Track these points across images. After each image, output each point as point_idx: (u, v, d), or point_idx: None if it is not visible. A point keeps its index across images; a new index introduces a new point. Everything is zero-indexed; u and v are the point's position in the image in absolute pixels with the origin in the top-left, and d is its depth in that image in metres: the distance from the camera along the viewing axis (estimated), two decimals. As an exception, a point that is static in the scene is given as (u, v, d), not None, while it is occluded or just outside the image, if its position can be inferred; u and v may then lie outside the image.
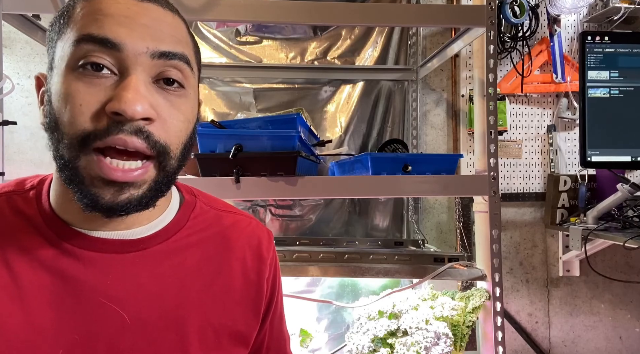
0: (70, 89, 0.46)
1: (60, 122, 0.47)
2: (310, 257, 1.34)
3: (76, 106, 0.46)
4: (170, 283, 0.55)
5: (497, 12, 1.33)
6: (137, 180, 0.48)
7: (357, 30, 1.85)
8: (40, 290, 0.49)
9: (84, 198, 0.47)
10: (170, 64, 0.50)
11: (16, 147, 1.67)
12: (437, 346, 1.20)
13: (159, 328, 0.53)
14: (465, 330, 1.28)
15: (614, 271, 1.92)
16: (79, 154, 0.46)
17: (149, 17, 0.49)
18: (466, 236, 1.80)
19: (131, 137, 0.46)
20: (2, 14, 1.11)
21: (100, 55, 0.46)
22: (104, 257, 0.52)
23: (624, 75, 1.43)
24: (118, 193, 0.47)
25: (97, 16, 0.47)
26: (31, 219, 0.52)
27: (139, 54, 0.47)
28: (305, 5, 1.19)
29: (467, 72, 1.87)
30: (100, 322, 0.50)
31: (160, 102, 0.49)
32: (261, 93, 1.80)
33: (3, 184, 0.56)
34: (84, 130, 0.46)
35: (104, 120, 0.46)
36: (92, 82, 0.47)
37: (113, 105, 0.45)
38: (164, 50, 0.49)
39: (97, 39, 0.46)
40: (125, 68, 0.47)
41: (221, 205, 0.66)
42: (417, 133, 1.83)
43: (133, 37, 0.47)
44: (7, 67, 1.66)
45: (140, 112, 0.46)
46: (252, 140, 1.13)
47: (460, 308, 1.29)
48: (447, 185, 1.21)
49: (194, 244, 0.59)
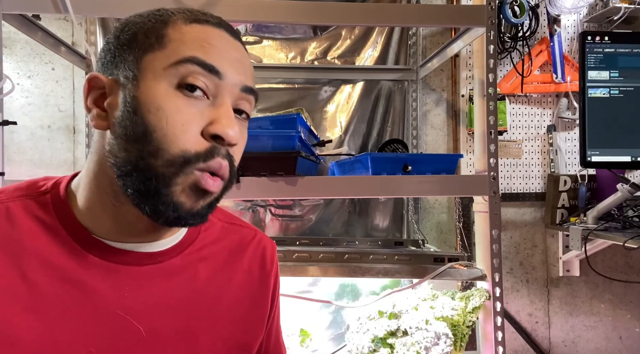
0: (170, 105, 0.48)
1: (157, 137, 0.47)
2: (310, 257, 1.34)
3: (178, 124, 0.48)
4: (183, 296, 0.56)
5: (497, 12, 1.33)
6: (216, 191, 0.51)
7: (357, 30, 1.85)
8: (57, 300, 0.49)
9: (167, 208, 0.48)
10: (247, 98, 0.54)
11: (16, 147, 1.67)
12: (437, 346, 1.20)
13: (172, 341, 0.54)
14: (465, 330, 1.28)
15: (614, 271, 1.92)
16: (178, 172, 0.48)
17: (240, 54, 0.54)
18: (466, 236, 1.80)
19: (224, 160, 0.50)
20: (2, 14, 1.11)
21: (201, 78, 0.49)
22: (123, 269, 0.52)
23: (624, 75, 1.43)
24: (197, 201, 0.50)
25: (202, 44, 0.50)
26: (51, 227, 0.51)
27: (234, 85, 0.52)
28: (305, 5, 1.19)
29: (467, 72, 1.87)
30: (116, 335, 0.50)
31: (238, 130, 0.53)
32: (261, 93, 1.77)
33: (13, 187, 0.54)
34: (187, 151, 0.48)
35: (205, 142, 0.49)
36: (190, 103, 0.49)
37: (217, 128, 0.49)
38: (250, 85, 0.54)
39: (205, 64, 0.49)
40: (220, 95, 0.51)
41: (227, 217, 0.67)
42: (417, 133, 1.83)
43: (232, 69, 0.51)
44: (7, 67, 1.66)
45: (234, 138, 0.50)
46: (252, 140, 1.12)
47: (460, 308, 1.29)
48: (447, 185, 1.21)
49: (204, 258, 0.60)
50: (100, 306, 0.50)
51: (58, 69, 1.71)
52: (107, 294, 0.51)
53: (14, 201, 0.52)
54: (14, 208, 0.51)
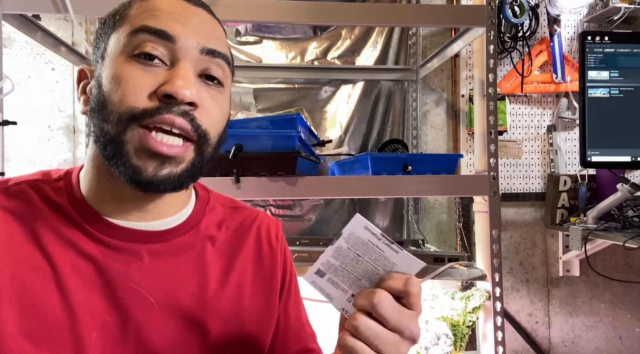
0: (124, 72, 0.50)
1: (110, 101, 0.50)
2: (310, 257, 1.34)
3: (129, 86, 0.49)
4: (192, 272, 0.57)
5: (497, 12, 1.33)
6: (179, 155, 0.51)
7: (357, 30, 1.85)
8: (74, 272, 0.51)
9: (127, 171, 0.49)
10: (214, 62, 0.54)
11: (16, 147, 1.67)
12: (437, 346, 1.20)
13: (182, 316, 0.55)
14: (465, 330, 1.28)
15: (614, 271, 1.92)
16: (125, 128, 0.49)
17: (199, 19, 0.54)
18: (466, 236, 1.80)
19: (179, 117, 0.50)
20: (2, 14, 1.11)
21: (155, 46, 0.51)
22: (133, 246, 0.54)
23: (624, 75, 1.43)
24: (160, 167, 0.50)
25: (154, 12, 0.52)
26: (62, 207, 0.53)
27: (190, 47, 0.52)
28: (305, 5, 1.19)
29: (467, 72, 1.87)
30: (130, 306, 0.52)
31: (203, 93, 0.53)
32: (261, 93, 1.80)
33: (28, 174, 0.57)
34: (134, 108, 0.49)
35: (155, 101, 0.50)
36: (146, 69, 0.50)
37: (166, 88, 0.49)
38: (211, 47, 0.53)
39: (154, 30, 0.51)
40: (177, 59, 0.51)
41: (229, 202, 0.69)
42: (417, 133, 1.83)
43: (186, 32, 0.52)
44: (7, 67, 1.66)
45: (188, 96, 0.50)
46: (252, 140, 1.13)
47: (460, 308, 1.29)
48: (447, 185, 1.21)
49: (210, 237, 0.61)
50: (113, 279, 0.52)
51: (58, 69, 1.71)
52: (119, 269, 0.53)
53: (28, 184, 0.55)
54: (29, 190, 0.54)
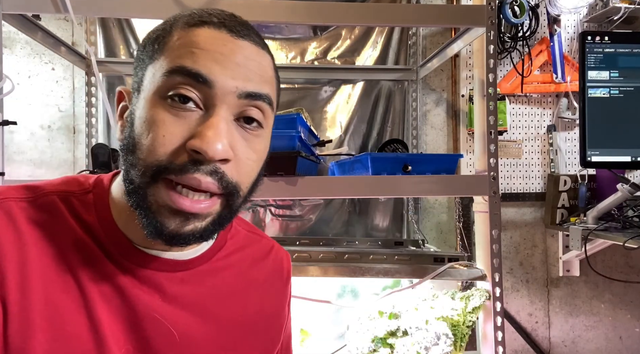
0: (156, 118, 0.46)
1: (139, 148, 0.47)
2: (310, 257, 1.34)
3: (159, 136, 0.46)
4: (211, 303, 0.57)
5: (497, 12, 1.33)
6: (203, 212, 0.48)
7: (357, 30, 1.85)
8: (103, 299, 0.49)
9: (149, 225, 0.47)
10: (254, 104, 0.49)
11: (16, 147, 1.67)
12: (437, 346, 1.20)
13: (202, 346, 0.55)
14: (465, 330, 1.28)
15: (614, 271, 1.92)
16: (149, 183, 0.46)
17: (242, 56, 0.49)
18: (466, 236, 1.80)
19: (206, 177, 0.46)
20: (2, 14, 1.11)
21: (189, 88, 0.46)
22: (158, 275, 0.53)
23: (624, 75, 1.43)
24: (183, 224, 0.47)
25: (193, 49, 0.47)
26: (91, 228, 0.51)
27: (228, 92, 0.47)
28: (305, 5, 1.19)
29: (467, 72, 1.87)
30: (152, 336, 0.51)
31: (238, 141, 0.49)
32: None
33: (56, 181, 0.55)
34: (160, 162, 0.46)
35: (183, 156, 0.46)
36: (178, 115, 0.46)
37: (195, 143, 0.45)
38: (251, 91, 0.49)
39: (190, 72, 0.46)
40: (212, 105, 0.47)
41: (248, 226, 0.68)
42: (417, 133, 1.83)
43: (225, 75, 0.47)
44: (7, 67, 1.65)
45: (220, 153, 0.46)
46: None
47: (460, 308, 1.29)
48: (447, 185, 1.21)
49: (231, 265, 0.60)
50: (137, 308, 0.51)
51: (58, 69, 1.71)
52: (144, 298, 0.51)
53: (59, 196, 0.52)
54: (59, 203, 0.51)
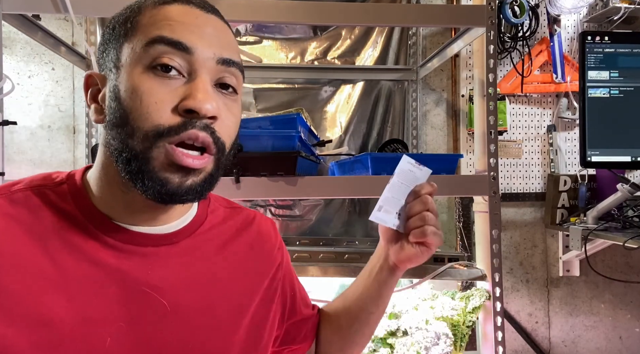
0: (144, 86, 0.50)
1: (132, 117, 0.50)
2: (310, 257, 1.34)
3: (152, 103, 0.50)
4: (199, 272, 0.59)
5: (497, 12, 1.33)
6: (202, 167, 0.52)
7: (357, 30, 1.85)
8: (85, 280, 0.51)
9: (154, 184, 0.50)
10: (229, 71, 0.54)
11: (16, 147, 1.67)
12: (437, 346, 1.20)
13: (194, 314, 0.57)
14: (465, 330, 1.28)
15: (614, 271, 1.92)
16: (152, 146, 0.50)
17: (213, 27, 0.55)
18: (466, 236, 1.80)
19: (201, 132, 0.51)
20: (2, 14, 1.11)
21: (172, 57, 0.51)
22: (143, 250, 0.55)
23: (624, 75, 1.43)
24: (184, 179, 0.51)
25: (169, 22, 0.52)
26: (69, 213, 0.53)
27: (207, 58, 0.52)
28: (305, 5, 1.19)
29: (467, 72, 1.87)
30: (143, 309, 0.53)
31: (220, 105, 0.53)
32: (261, 93, 1.80)
33: (28, 179, 0.56)
34: (159, 125, 0.50)
35: (178, 117, 0.50)
36: (164, 82, 0.51)
37: (188, 103, 0.50)
38: (227, 57, 0.54)
39: (171, 41, 0.51)
40: (194, 71, 0.52)
41: (228, 202, 0.71)
42: (417, 133, 1.83)
43: (202, 43, 0.52)
44: (7, 67, 1.66)
45: (210, 111, 0.51)
46: (252, 140, 1.13)
47: (460, 308, 1.29)
48: (447, 185, 1.21)
49: (214, 237, 0.63)
50: (125, 284, 0.53)
51: (58, 69, 1.71)
52: (130, 273, 0.53)
53: (32, 190, 0.54)
54: (32, 196, 0.53)
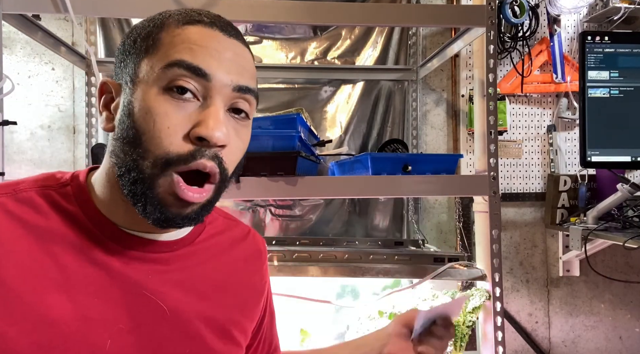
0: (159, 109, 0.50)
1: (144, 139, 0.50)
2: (310, 257, 1.34)
3: (164, 128, 0.49)
4: (197, 281, 0.60)
5: (497, 12, 1.33)
6: (202, 201, 0.52)
7: (357, 30, 1.85)
8: (86, 281, 0.51)
9: (154, 212, 0.50)
10: (244, 97, 0.55)
11: (16, 147, 1.67)
12: (437, 346, 1.20)
13: (190, 321, 0.57)
14: (465, 330, 1.28)
15: (614, 271, 1.92)
16: (160, 173, 0.50)
17: (234, 53, 0.54)
18: (466, 236, 1.80)
19: (210, 161, 0.51)
20: (2, 14, 1.11)
21: (189, 81, 0.50)
22: (145, 256, 0.56)
23: (624, 75, 1.43)
24: (183, 209, 0.51)
25: (191, 45, 0.51)
26: (74, 215, 0.53)
27: (224, 85, 0.52)
28: (305, 5, 1.19)
29: (467, 72, 1.87)
30: (143, 313, 0.54)
31: (231, 131, 0.54)
32: (261, 93, 1.76)
33: (32, 179, 0.56)
34: (169, 152, 0.49)
35: (188, 145, 0.50)
36: (179, 105, 0.50)
37: (200, 130, 0.50)
38: (244, 85, 0.54)
39: (191, 66, 0.50)
40: (210, 97, 0.51)
41: (224, 214, 0.72)
42: (417, 133, 1.83)
43: (221, 69, 0.52)
44: (7, 67, 1.66)
45: (221, 139, 0.50)
46: (252, 140, 1.11)
47: (460, 308, 1.29)
48: (447, 185, 1.21)
49: (212, 246, 0.64)
50: (127, 287, 0.53)
51: (58, 69, 1.71)
52: (132, 277, 0.54)
53: (36, 191, 0.54)
54: (37, 197, 0.53)
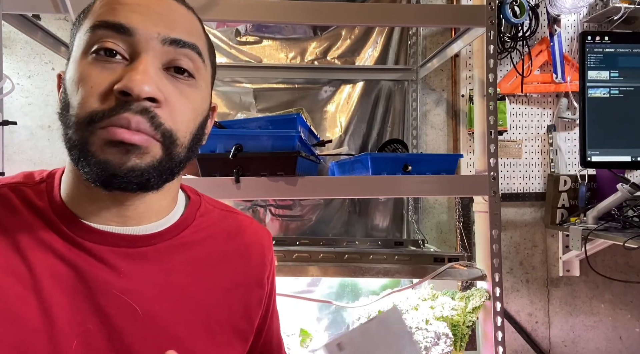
0: (83, 73, 0.48)
1: (71, 105, 0.48)
2: (310, 257, 1.34)
3: (87, 88, 0.47)
4: (179, 278, 0.55)
5: (497, 12, 1.33)
6: (142, 144, 0.47)
7: (357, 30, 1.85)
8: (55, 279, 0.49)
9: (93, 168, 0.47)
10: (181, 53, 0.51)
11: (16, 147, 1.67)
12: (437, 346, 1.20)
13: (168, 322, 0.53)
14: (465, 330, 1.28)
15: (614, 271, 1.92)
16: (86, 134, 0.47)
17: (163, 7, 0.51)
18: (466, 236, 1.80)
19: (136, 115, 0.46)
20: (2, 14, 1.11)
21: (113, 40, 0.48)
22: (116, 251, 0.52)
23: (624, 75, 1.43)
24: (124, 158, 0.47)
25: (113, 5, 0.49)
26: (42, 211, 0.51)
27: (150, 38, 0.49)
28: (305, 5, 1.19)
29: (467, 72, 1.87)
30: (113, 313, 0.50)
31: (169, 88, 0.50)
32: (261, 93, 1.80)
33: (11, 176, 0.55)
34: (92, 110, 0.46)
35: (112, 100, 0.47)
36: (105, 67, 0.48)
37: (120, 83, 0.46)
38: (175, 37, 0.50)
39: (111, 24, 0.48)
40: (137, 53, 0.48)
41: (222, 206, 0.67)
42: (417, 133, 1.83)
43: (145, 22, 0.49)
44: (7, 67, 1.66)
45: (146, 91, 0.46)
46: (252, 140, 1.13)
47: (460, 308, 1.29)
48: (447, 185, 1.21)
49: (201, 241, 0.59)
50: (96, 285, 0.50)
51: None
52: (101, 275, 0.50)
53: (10, 187, 0.53)
54: (9, 194, 0.52)
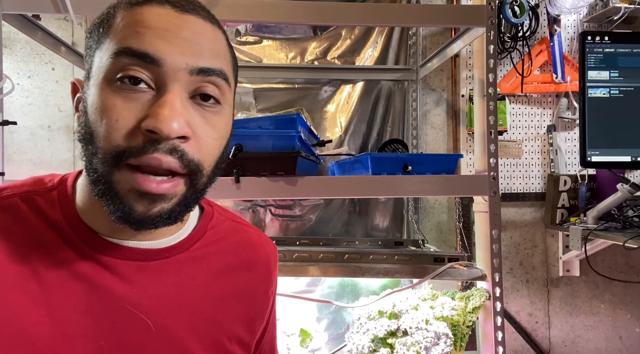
0: (107, 103, 0.45)
1: (96, 136, 0.46)
2: (310, 257, 1.34)
3: (112, 121, 0.45)
4: (190, 291, 0.55)
5: (497, 12, 1.33)
6: (169, 192, 0.47)
7: (357, 30, 1.85)
8: (67, 295, 0.48)
9: (117, 211, 0.46)
10: (207, 80, 0.49)
11: (16, 147, 1.67)
12: (437, 346, 1.20)
13: (180, 336, 0.53)
14: (465, 330, 1.28)
15: (614, 271, 1.92)
16: (112, 169, 0.46)
17: (190, 31, 0.48)
18: (466, 236, 1.80)
19: (166, 156, 0.45)
20: (2, 14, 1.11)
21: (138, 69, 0.46)
22: (130, 265, 0.51)
23: (624, 75, 1.43)
24: (150, 206, 0.47)
25: (137, 28, 0.46)
26: (56, 224, 0.50)
27: (178, 69, 0.46)
28: (305, 5, 1.19)
29: (467, 72, 1.87)
30: (126, 329, 0.50)
31: (196, 119, 0.48)
32: (261, 93, 1.80)
33: (20, 182, 0.54)
34: (118, 147, 0.45)
35: (140, 137, 0.45)
36: (130, 97, 0.46)
37: (149, 122, 0.44)
38: (203, 66, 0.48)
39: (137, 53, 0.45)
40: (163, 84, 0.46)
41: (233, 216, 0.67)
42: (417, 133, 1.83)
43: (173, 52, 0.46)
44: (7, 67, 1.66)
45: (176, 131, 0.45)
46: (252, 140, 1.13)
47: (460, 308, 1.29)
48: (447, 185, 1.21)
49: (211, 253, 0.59)
50: (109, 301, 0.50)
51: (58, 69, 1.71)
52: (116, 289, 0.50)
53: (20, 196, 0.51)
54: (20, 204, 0.51)
